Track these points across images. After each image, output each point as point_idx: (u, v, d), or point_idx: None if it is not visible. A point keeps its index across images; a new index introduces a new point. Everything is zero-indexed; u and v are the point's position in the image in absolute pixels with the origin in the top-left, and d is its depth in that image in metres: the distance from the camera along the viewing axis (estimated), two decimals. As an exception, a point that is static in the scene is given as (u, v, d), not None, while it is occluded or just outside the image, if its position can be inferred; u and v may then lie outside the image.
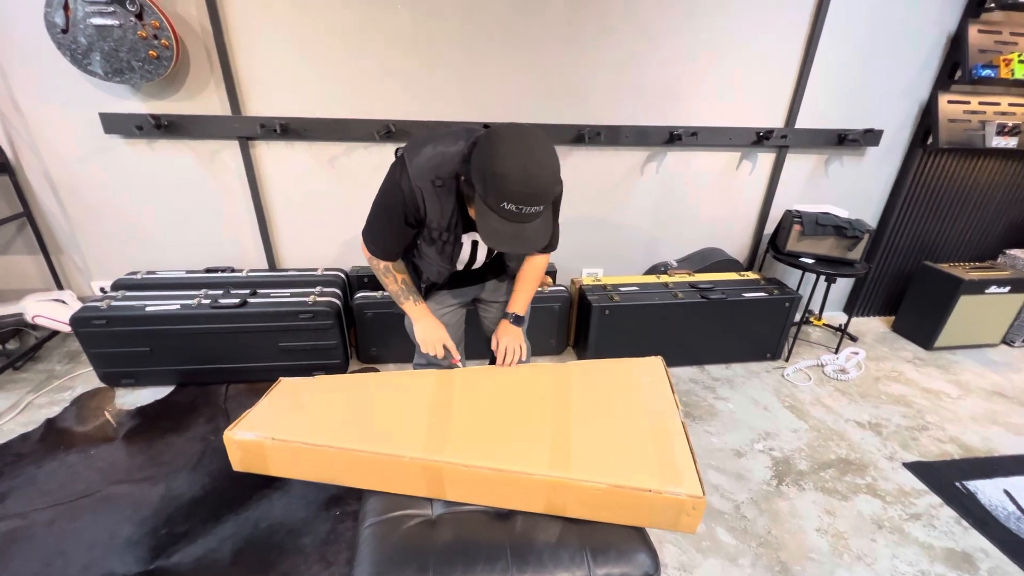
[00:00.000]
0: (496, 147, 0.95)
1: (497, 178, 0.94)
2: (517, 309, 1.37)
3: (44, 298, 2.13)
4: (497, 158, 0.94)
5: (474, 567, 0.94)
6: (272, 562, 1.36)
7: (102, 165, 2.05)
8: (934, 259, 2.70)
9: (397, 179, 1.11)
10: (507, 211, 0.97)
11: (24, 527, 1.43)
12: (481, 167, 0.97)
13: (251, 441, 1.06)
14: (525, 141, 0.95)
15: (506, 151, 0.94)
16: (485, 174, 0.96)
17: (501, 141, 0.95)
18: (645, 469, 1.02)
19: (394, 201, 1.13)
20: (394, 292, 1.32)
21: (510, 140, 0.95)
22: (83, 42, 1.72)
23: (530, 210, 0.97)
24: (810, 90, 2.29)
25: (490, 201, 0.97)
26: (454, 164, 1.08)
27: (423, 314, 1.33)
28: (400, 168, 1.11)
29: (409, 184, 1.09)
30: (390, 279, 1.30)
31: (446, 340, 1.32)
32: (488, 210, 0.99)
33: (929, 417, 2.08)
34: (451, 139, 1.10)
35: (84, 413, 1.91)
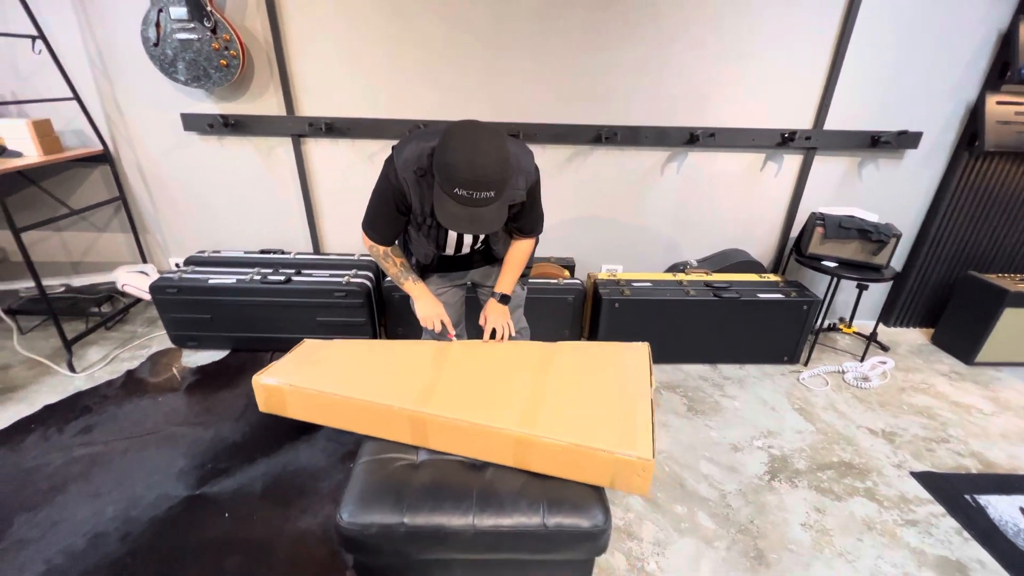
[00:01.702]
0: (447, 141, 1.10)
1: (448, 167, 1.08)
2: (503, 288, 1.51)
3: (132, 270, 2.51)
4: (448, 150, 1.08)
5: (442, 504, 1.09)
6: (293, 499, 1.58)
7: (181, 158, 2.39)
8: (980, 269, 2.54)
9: (386, 171, 1.29)
10: (460, 196, 1.10)
11: (105, 452, 1.75)
12: (437, 159, 1.12)
13: (273, 386, 1.27)
14: (472, 134, 1.09)
15: (455, 144, 1.08)
16: (439, 164, 1.11)
17: (452, 136, 1.10)
18: (605, 433, 1.12)
19: (386, 191, 1.31)
20: (395, 275, 1.49)
21: (459, 134, 1.10)
22: (170, 53, 2.04)
23: (480, 195, 1.10)
24: (840, 91, 2.25)
25: (444, 187, 1.12)
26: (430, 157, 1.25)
27: (422, 292, 1.49)
28: (390, 163, 1.28)
29: (396, 175, 1.26)
30: (390, 263, 1.46)
31: (443, 316, 1.47)
32: (444, 195, 1.13)
33: (952, 431, 2.00)
34: (432, 136, 1.25)
35: (156, 368, 2.25)
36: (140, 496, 1.57)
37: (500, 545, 1.07)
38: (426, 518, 1.06)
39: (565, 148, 2.37)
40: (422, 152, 1.23)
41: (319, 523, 1.51)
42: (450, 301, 1.60)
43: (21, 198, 2.39)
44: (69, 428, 1.86)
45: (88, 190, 2.46)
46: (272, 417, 1.89)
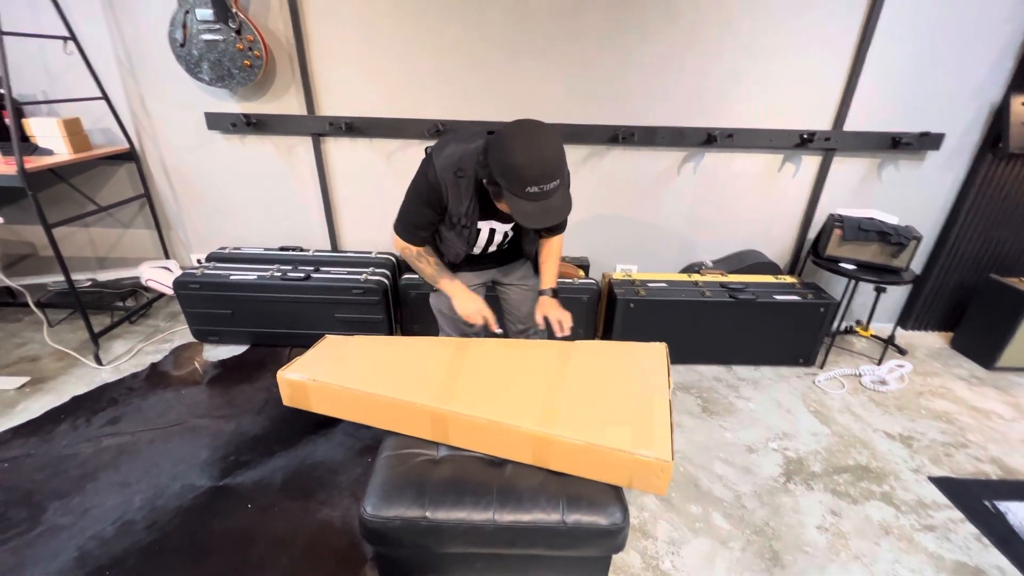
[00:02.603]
0: (506, 144, 1.13)
1: (516, 169, 1.11)
2: (550, 283, 1.55)
3: (155, 265, 2.57)
4: (511, 153, 1.12)
5: (463, 498, 1.11)
6: (312, 491, 1.62)
7: (204, 156, 2.44)
8: (1002, 272, 2.50)
9: (425, 172, 1.31)
10: (532, 193, 1.14)
11: (132, 442, 1.80)
12: (499, 165, 1.14)
13: (297, 381, 1.31)
14: (526, 133, 1.13)
15: (515, 145, 1.12)
16: (505, 169, 1.13)
17: (508, 138, 1.14)
18: (623, 433, 1.13)
19: (423, 191, 1.33)
20: (430, 275, 1.50)
21: (515, 136, 1.13)
22: (195, 54, 2.09)
23: (549, 186, 1.14)
24: (861, 91, 2.23)
25: (515, 190, 1.14)
26: (474, 159, 1.27)
27: (460, 289, 1.49)
28: (428, 163, 1.31)
29: (435, 175, 1.29)
30: (424, 263, 1.48)
31: (485, 310, 1.47)
32: (516, 198, 1.16)
33: (971, 436, 1.98)
34: (471, 138, 1.30)
35: (179, 361, 2.30)
36: (166, 486, 1.62)
37: (519, 540, 1.10)
38: (447, 512, 1.08)
39: (581, 148, 2.38)
40: (463, 154, 1.26)
41: (338, 515, 1.54)
42: None
43: (51, 194, 2.46)
44: (97, 419, 1.91)
45: (114, 187, 2.53)
46: (291, 411, 1.93)
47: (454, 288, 1.49)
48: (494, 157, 1.15)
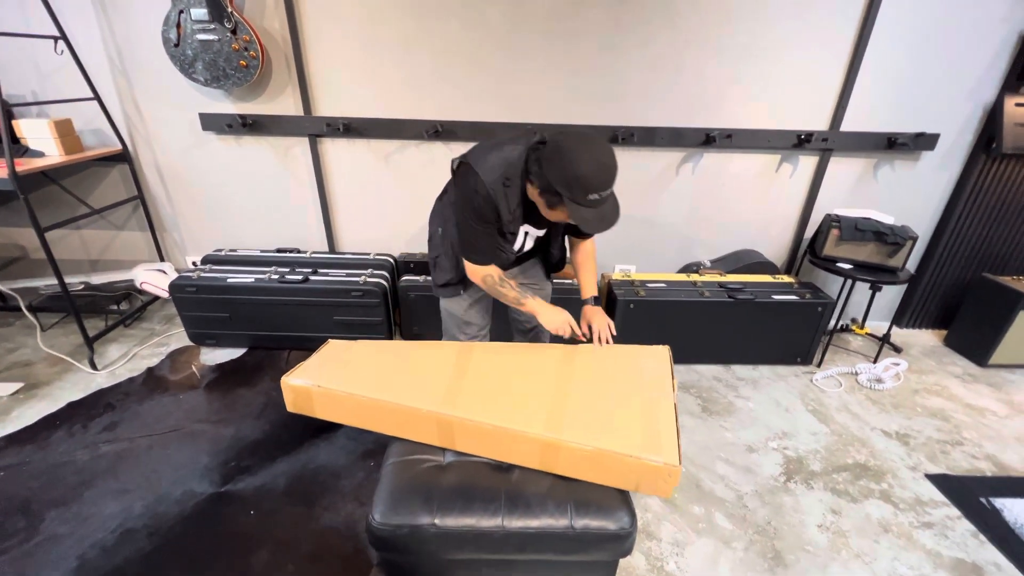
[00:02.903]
0: (568, 155, 1.15)
1: (582, 179, 1.15)
2: (592, 291, 1.55)
3: (150, 268, 2.54)
4: (574, 164, 1.15)
5: (472, 505, 1.11)
6: (315, 496, 1.61)
7: (199, 157, 2.41)
8: (995, 271, 2.54)
9: (474, 186, 1.28)
10: (592, 200, 1.18)
11: (130, 448, 1.78)
12: (562, 176, 1.16)
13: (301, 387, 1.30)
14: (587, 141, 1.17)
15: (580, 156, 1.15)
16: (568, 179, 1.15)
17: (570, 149, 1.16)
18: (630, 437, 1.14)
19: (480, 209, 1.29)
20: (514, 298, 1.44)
21: (576, 146, 1.16)
22: (190, 54, 2.06)
23: (606, 193, 1.20)
24: (857, 92, 2.24)
25: (578, 198, 1.17)
26: (519, 166, 1.27)
27: (544, 304, 1.47)
28: (472, 177, 1.28)
29: (485, 188, 1.27)
30: (507, 288, 1.42)
31: (571, 320, 1.47)
32: (578, 206, 1.18)
33: (966, 433, 2.01)
34: (510, 145, 1.29)
35: (176, 365, 2.28)
36: (166, 492, 1.60)
37: (528, 546, 1.10)
38: (456, 519, 1.08)
39: (580, 149, 2.37)
40: (506, 162, 1.26)
41: (342, 520, 1.53)
42: (486, 305, 1.63)
43: (42, 196, 2.42)
44: (93, 425, 1.89)
45: (107, 189, 2.49)
46: (291, 415, 1.90)
47: (539, 304, 1.47)
48: (554, 168, 1.17)
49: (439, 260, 1.55)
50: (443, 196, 1.56)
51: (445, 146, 2.37)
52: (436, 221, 1.57)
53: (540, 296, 1.64)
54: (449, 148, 2.38)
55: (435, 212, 1.59)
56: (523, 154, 1.26)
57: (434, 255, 1.57)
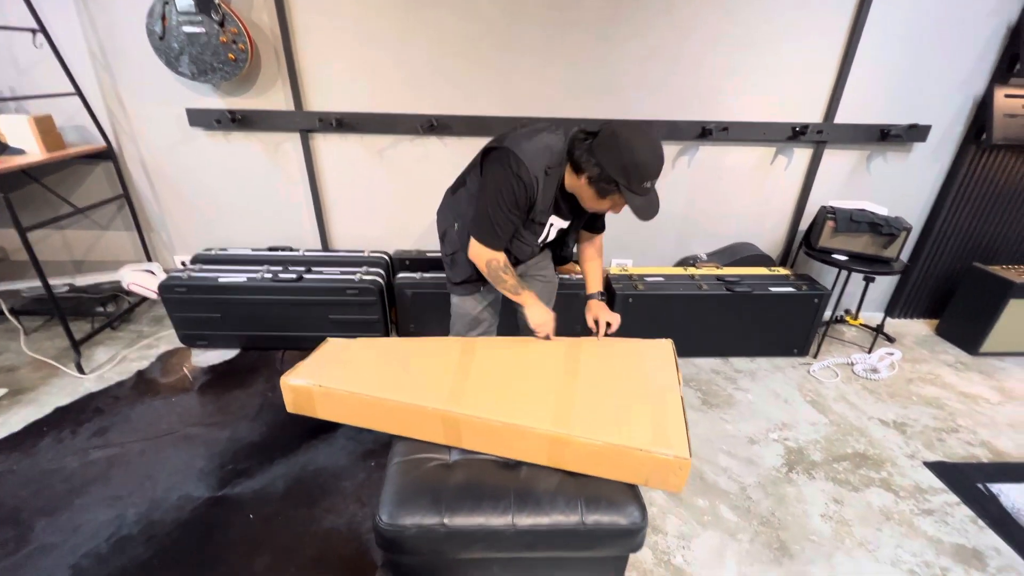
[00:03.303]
0: (628, 143, 1.17)
1: (640, 167, 1.18)
2: (598, 286, 1.56)
3: (137, 268, 2.47)
4: (634, 152, 1.17)
5: (481, 504, 1.09)
6: (316, 498, 1.58)
7: (186, 154, 2.35)
8: (985, 261, 2.58)
9: (515, 171, 1.25)
10: (646, 188, 1.22)
11: (122, 454, 1.73)
12: (620, 164, 1.18)
13: (302, 387, 1.26)
14: (642, 131, 1.20)
15: (637, 144, 1.17)
16: (628, 167, 1.18)
17: (628, 138, 1.17)
18: (639, 431, 1.13)
19: (516, 193, 1.27)
20: (511, 286, 1.42)
21: (635, 137, 1.18)
22: (176, 47, 2.00)
23: (655, 183, 1.23)
24: (851, 84, 2.25)
25: (635, 186, 1.20)
26: (562, 155, 1.28)
27: (535, 300, 1.45)
28: (514, 161, 1.25)
29: (528, 174, 1.25)
30: (509, 274, 1.41)
31: (552, 326, 1.46)
32: (633, 194, 1.21)
33: (961, 420, 2.04)
34: (548, 134, 1.30)
35: (167, 367, 2.22)
36: (162, 498, 1.56)
37: (539, 543, 1.08)
38: (465, 518, 1.06)
39: (577, 142, 2.35)
40: (549, 150, 1.26)
41: (344, 522, 1.51)
42: (498, 300, 1.62)
43: (23, 195, 2.34)
44: (83, 430, 1.83)
45: (91, 187, 2.41)
46: (289, 416, 1.87)
47: (530, 299, 1.45)
48: (612, 157, 1.18)
49: (456, 256, 1.51)
50: (457, 189, 1.51)
51: (440, 141, 2.34)
52: (449, 216, 1.53)
53: (548, 289, 1.66)
54: (444, 143, 2.34)
55: (446, 206, 1.55)
56: (565, 144, 1.27)
57: (450, 251, 1.53)
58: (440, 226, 1.57)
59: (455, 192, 1.52)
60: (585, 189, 1.28)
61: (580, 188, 1.29)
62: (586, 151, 1.22)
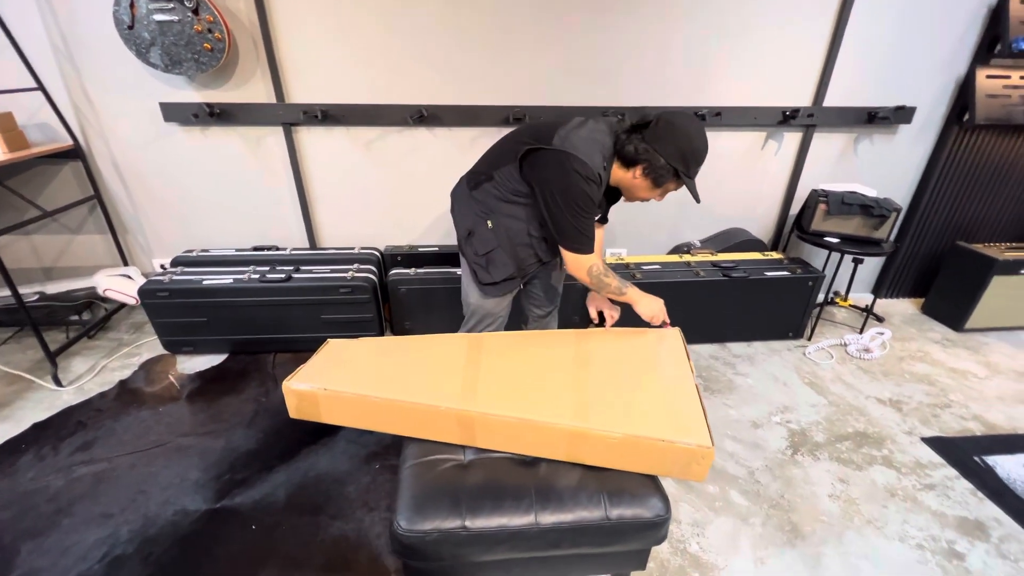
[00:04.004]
0: (686, 133, 1.23)
1: (698, 153, 1.25)
2: None
3: (113, 273, 2.34)
4: (692, 139, 1.23)
5: (502, 503, 1.06)
6: (321, 506, 1.53)
7: (161, 151, 2.23)
8: (969, 239, 2.65)
9: (583, 172, 1.24)
10: (695, 173, 1.28)
11: (110, 469, 1.64)
12: (679, 152, 1.23)
13: (306, 391, 1.21)
14: (693, 120, 1.26)
15: (694, 132, 1.24)
16: (687, 154, 1.24)
17: (682, 127, 1.23)
18: (658, 422, 1.11)
19: (591, 195, 1.28)
20: (617, 287, 1.42)
21: (690, 125, 1.24)
22: (146, 37, 1.88)
23: None
24: (839, 67, 2.27)
25: (692, 172, 1.27)
26: (612, 150, 1.30)
27: (641, 293, 1.47)
28: (579, 165, 1.24)
29: (594, 173, 1.27)
30: (611, 277, 1.42)
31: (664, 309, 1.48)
32: (689, 179, 1.28)
33: (953, 395, 2.09)
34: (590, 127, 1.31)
35: (151, 376, 2.12)
36: (156, 514, 1.48)
37: (563, 541, 1.06)
38: (487, 519, 1.03)
39: (569, 131, 2.32)
40: (602, 145, 1.28)
41: (352, 528, 1.46)
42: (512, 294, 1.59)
43: (-17, 200, 2.19)
44: (65, 446, 1.73)
45: (58, 189, 2.27)
46: (286, 422, 1.83)
47: (637, 294, 1.47)
48: (671, 145, 1.22)
49: (494, 255, 1.45)
50: (480, 184, 1.44)
51: (429, 132, 2.27)
52: (473, 213, 1.46)
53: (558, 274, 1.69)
54: (434, 134, 2.28)
55: (468, 203, 1.48)
56: (608, 137, 1.29)
57: (485, 250, 1.45)
58: (461, 224, 1.50)
59: (478, 187, 1.44)
60: (639, 180, 1.30)
61: (631, 180, 1.32)
62: (640, 142, 1.25)
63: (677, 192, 2.57)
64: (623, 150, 1.28)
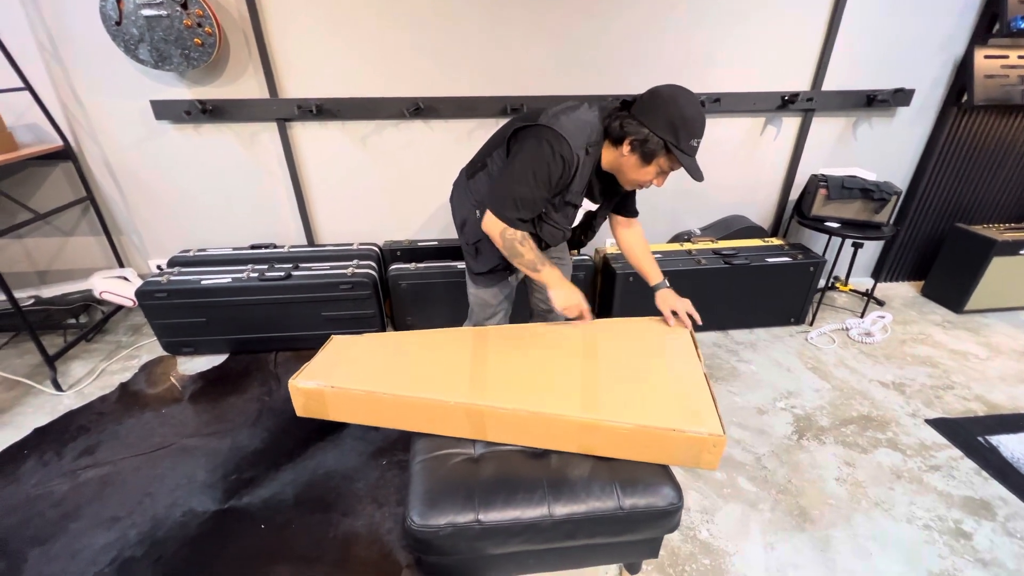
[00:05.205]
0: (674, 101, 1.15)
1: (688, 120, 1.14)
2: (659, 275, 1.52)
3: (109, 275, 2.32)
4: (681, 107, 1.15)
5: (515, 496, 1.05)
6: (331, 503, 1.52)
7: (154, 150, 2.19)
8: (967, 221, 2.65)
9: (556, 148, 1.18)
10: (692, 147, 1.18)
11: (115, 472, 1.63)
12: (667, 120, 1.15)
13: (313, 389, 1.19)
14: (683, 90, 1.17)
15: (683, 101, 1.15)
16: (675, 122, 1.14)
17: (674, 96, 1.15)
18: (669, 411, 1.10)
19: (552, 169, 1.20)
20: (531, 261, 1.31)
21: (678, 94, 1.16)
22: (135, 33, 1.84)
23: (699, 142, 1.19)
24: (838, 50, 2.25)
25: (683, 144, 1.16)
26: (600, 132, 1.24)
27: (560, 279, 1.35)
28: (553, 138, 1.18)
29: (570, 152, 1.20)
30: (527, 247, 1.30)
31: (583, 302, 1.36)
32: (682, 152, 1.17)
33: (955, 377, 2.10)
34: (583, 110, 1.25)
35: (152, 378, 2.10)
36: (165, 516, 1.48)
37: (578, 532, 1.06)
38: (500, 513, 1.03)
39: (568, 121, 2.29)
40: (590, 126, 1.22)
41: (363, 524, 1.45)
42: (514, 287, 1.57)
43: (-27, 204, 2.15)
44: (68, 451, 1.72)
45: (50, 191, 2.24)
46: (291, 420, 1.82)
47: (555, 277, 1.34)
48: (657, 114, 1.15)
49: (481, 246, 1.43)
50: (475, 173, 1.42)
51: (426, 125, 2.25)
52: (467, 202, 1.44)
53: (565, 271, 1.61)
54: (430, 127, 2.25)
55: (463, 192, 1.46)
56: (598, 119, 1.23)
57: (474, 240, 1.44)
58: (458, 214, 1.49)
59: (473, 176, 1.43)
60: (627, 159, 1.22)
61: (621, 160, 1.24)
62: (627, 117, 1.19)
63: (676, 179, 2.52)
64: (609, 127, 1.21)
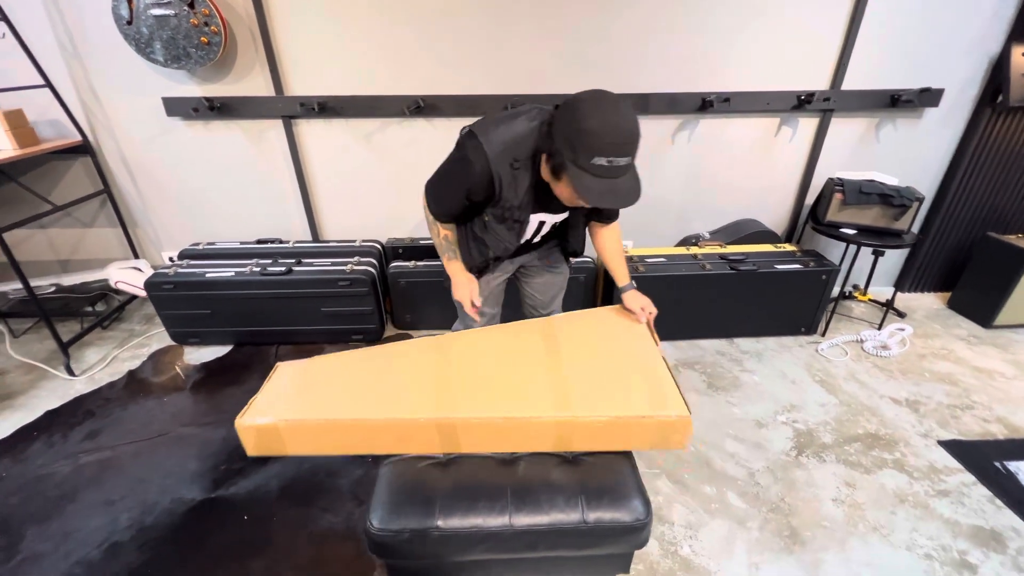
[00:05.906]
0: (578, 109, 0.99)
1: (584, 135, 0.97)
2: (626, 278, 1.43)
3: (124, 266, 2.41)
4: (583, 118, 0.97)
5: (476, 505, 1.04)
6: (312, 497, 1.54)
7: (166, 145, 2.26)
8: (1000, 230, 2.48)
9: (470, 158, 1.12)
10: (598, 167, 0.98)
11: (114, 457, 1.69)
12: (567, 131, 1.00)
13: (265, 425, 1.08)
14: (604, 98, 0.99)
15: (589, 110, 0.97)
16: (572, 136, 0.99)
17: (581, 103, 0.99)
18: (636, 399, 1.10)
19: (462, 177, 1.16)
20: (437, 244, 1.37)
21: (590, 100, 0.99)
22: (145, 32, 1.90)
23: (620, 162, 0.99)
24: (859, 47, 2.13)
25: (581, 161, 0.99)
26: (530, 143, 1.11)
27: (458, 270, 1.38)
28: (475, 148, 1.11)
29: (485, 166, 1.11)
30: (435, 230, 1.34)
31: (475, 295, 1.35)
32: (581, 171, 1.00)
33: (976, 396, 1.97)
34: (523, 119, 1.13)
35: (159, 367, 2.17)
36: (154, 502, 1.52)
37: (539, 543, 1.03)
38: (460, 520, 1.01)
39: (571, 120, 2.25)
40: (517, 139, 1.11)
41: (342, 521, 1.47)
42: (498, 286, 1.52)
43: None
44: (74, 434, 1.79)
45: (70, 184, 2.33)
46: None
47: (453, 267, 1.38)
48: (561, 124, 1.01)
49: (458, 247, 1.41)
50: None
51: (428, 123, 2.24)
52: None
53: (559, 280, 1.58)
54: (433, 125, 2.25)
55: None
56: (534, 130, 1.10)
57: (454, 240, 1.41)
58: None
59: None
60: (546, 173, 1.12)
61: (545, 173, 1.13)
62: (546, 125, 1.06)
63: (686, 180, 2.43)
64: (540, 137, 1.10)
